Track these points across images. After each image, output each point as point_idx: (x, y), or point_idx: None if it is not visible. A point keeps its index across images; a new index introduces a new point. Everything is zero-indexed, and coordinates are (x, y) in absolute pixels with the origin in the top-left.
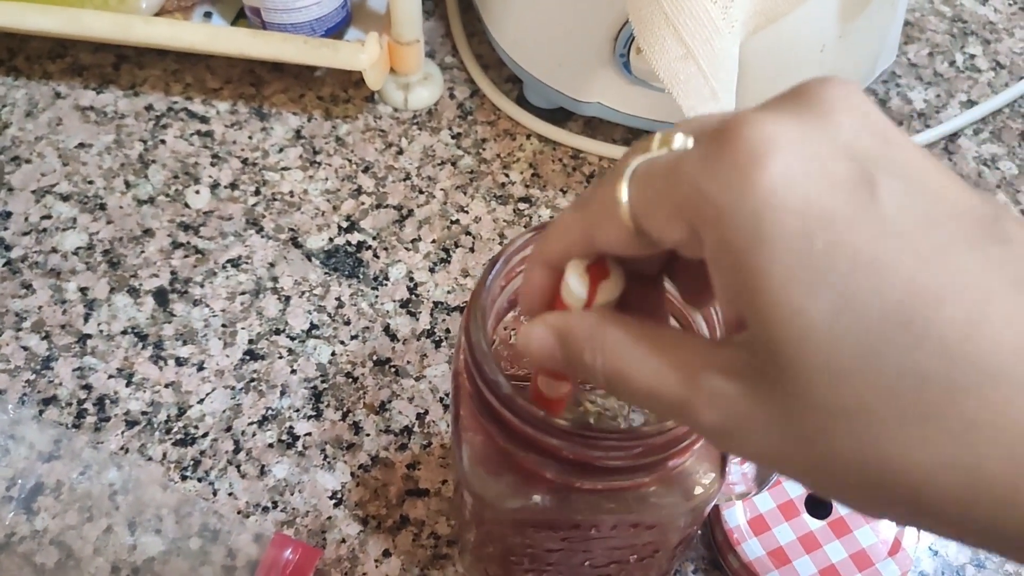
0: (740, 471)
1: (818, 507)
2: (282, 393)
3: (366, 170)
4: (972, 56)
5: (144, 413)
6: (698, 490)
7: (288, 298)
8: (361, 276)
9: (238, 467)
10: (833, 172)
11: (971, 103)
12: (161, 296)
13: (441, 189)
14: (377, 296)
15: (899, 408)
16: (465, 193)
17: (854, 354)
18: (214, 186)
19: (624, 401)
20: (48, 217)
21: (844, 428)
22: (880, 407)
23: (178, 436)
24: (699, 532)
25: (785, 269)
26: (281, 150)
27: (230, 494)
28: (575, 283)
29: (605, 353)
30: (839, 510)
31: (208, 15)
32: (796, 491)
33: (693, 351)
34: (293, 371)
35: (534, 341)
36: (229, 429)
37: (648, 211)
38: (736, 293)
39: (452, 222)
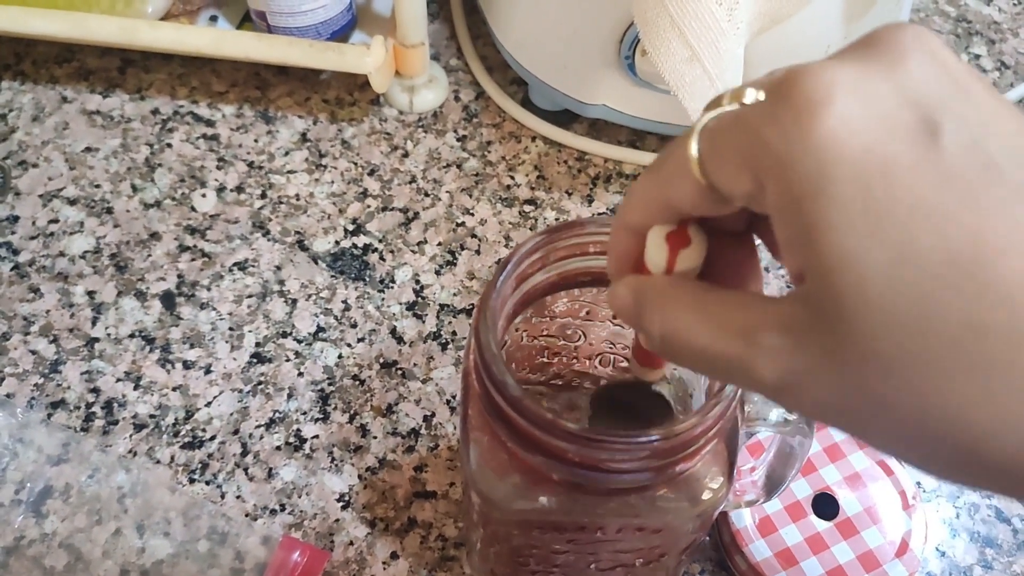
0: (750, 479)
1: (825, 508)
2: (289, 396)
3: (372, 173)
4: (977, 56)
5: (152, 416)
6: (706, 495)
7: (295, 301)
8: (367, 279)
9: (246, 470)
10: (895, 118)
11: None
12: (168, 299)
13: (447, 191)
14: (383, 299)
15: (960, 359)
16: (471, 195)
17: (913, 303)
18: (220, 189)
19: (681, 364)
20: (55, 221)
21: (901, 379)
22: (940, 358)
23: (186, 439)
24: (706, 538)
25: (843, 217)
26: (287, 153)
27: (238, 497)
28: (654, 251)
29: (664, 314)
30: (846, 511)
31: (214, 19)
32: (803, 493)
33: (749, 309)
34: (300, 374)
35: (616, 301)
36: (237, 432)
37: (717, 164)
38: (796, 243)
39: (458, 224)
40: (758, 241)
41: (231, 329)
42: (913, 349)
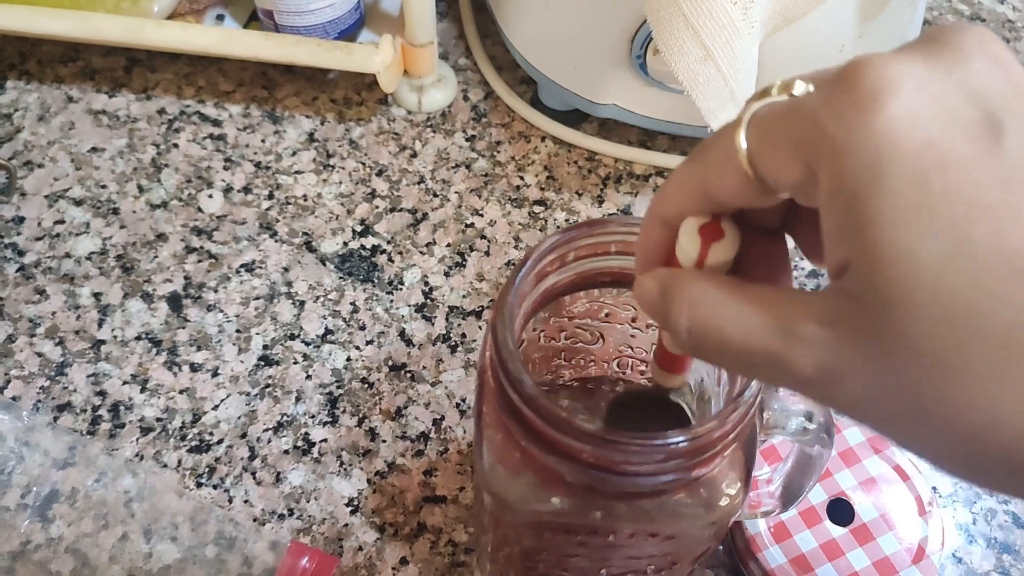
0: (766, 490)
1: (840, 514)
2: (297, 399)
3: (380, 173)
4: None
5: (159, 419)
6: (722, 501)
7: (303, 303)
8: (376, 280)
9: (253, 474)
10: (958, 114)
11: None
12: (175, 301)
13: (456, 192)
14: (392, 301)
15: (1011, 360)
16: (480, 196)
17: (965, 301)
18: (227, 190)
19: (710, 359)
20: (61, 222)
21: (947, 377)
22: (990, 358)
23: (193, 443)
24: (719, 549)
25: (898, 208)
26: (294, 153)
27: (246, 501)
28: (687, 242)
29: (693, 310)
30: (861, 517)
31: (220, 18)
32: (818, 498)
33: (787, 302)
34: (308, 377)
35: (642, 292)
36: (244, 435)
37: (767, 153)
38: (845, 232)
39: (467, 225)
40: (789, 241)
41: (238, 331)
42: (962, 347)
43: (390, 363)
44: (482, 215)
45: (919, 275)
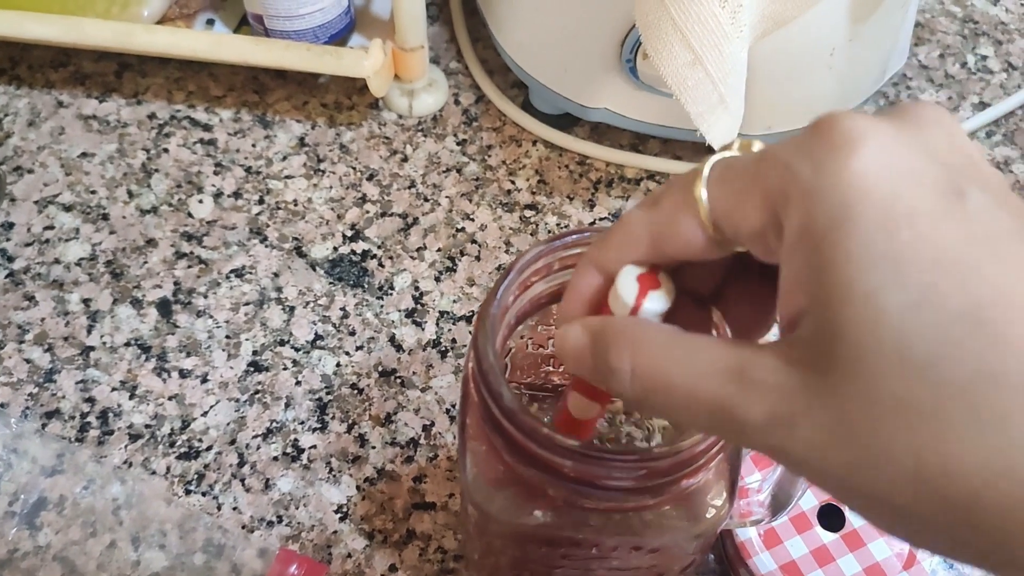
0: (756, 499)
1: (831, 520)
2: (287, 405)
3: (371, 178)
4: (984, 57)
5: (147, 426)
6: (708, 513)
7: (292, 308)
8: (366, 286)
9: (242, 481)
10: (924, 172)
11: (983, 105)
12: (164, 307)
13: (446, 196)
14: (382, 306)
15: (968, 408)
16: (471, 200)
17: (927, 349)
18: (217, 195)
19: (652, 412)
20: (51, 228)
21: (904, 423)
22: (948, 405)
23: (182, 449)
24: (709, 557)
25: (866, 253)
26: (285, 158)
27: (234, 508)
28: (626, 288)
29: (637, 352)
30: (852, 522)
31: (211, 23)
32: (809, 504)
33: (738, 349)
34: (298, 383)
35: (568, 341)
36: (233, 442)
37: (729, 200)
38: (807, 275)
39: (458, 230)
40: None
41: (228, 337)
42: (921, 393)
43: (380, 369)
44: (473, 219)
45: (881, 321)
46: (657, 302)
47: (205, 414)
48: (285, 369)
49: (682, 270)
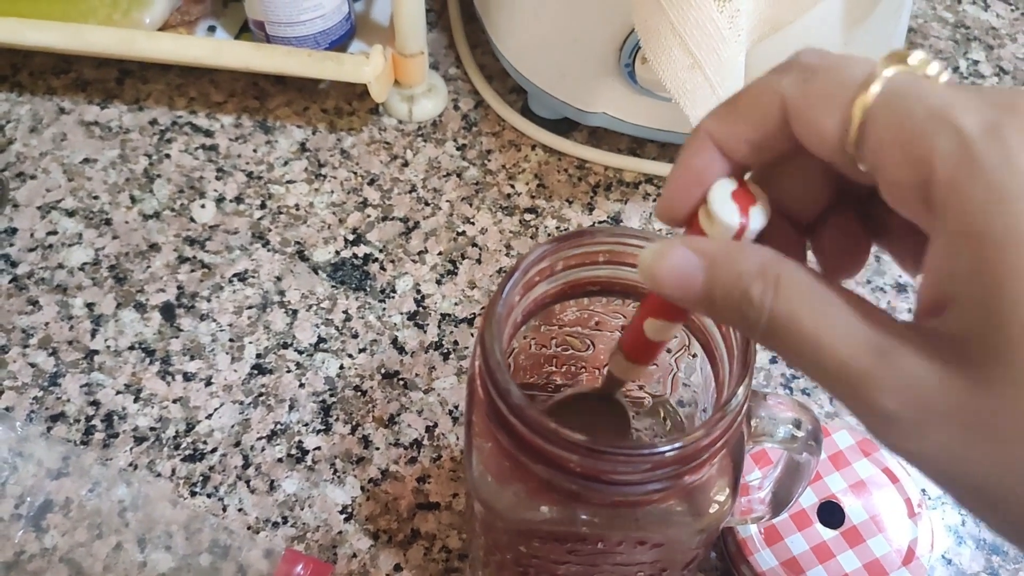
0: (757, 496)
1: (831, 517)
2: (291, 407)
3: (372, 182)
4: (975, 62)
5: (152, 429)
6: (711, 508)
7: (295, 312)
8: (368, 289)
9: (247, 482)
10: None
11: None
12: (168, 311)
13: (447, 201)
14: (384, 309)
15: None
16: (471, 204)
17: None
18: (220, 200)
19: (780, 353)
20: (54, 233)
21: None
22: None
23: (187, 452)
24: (711, 554)
25: None
26: (286, 163)
27: (240, 510)
28: (725, 208)
29: (780, 291)
30: (852, 519)
31: (212, 29)
32: (809, 501)
33: (887, 323)
34: (301, 385)
35: (669, 262)
36: (238, 444)
37: (883, 135)
38: (971, 273)
39: (458, 234)
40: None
41: (231, 340)
42: None
43: (383, 371)
44: (473, 223)
45: None
46: (758, 220)
47: (209, 416)
48: (289, 372)
49: (783, 188)
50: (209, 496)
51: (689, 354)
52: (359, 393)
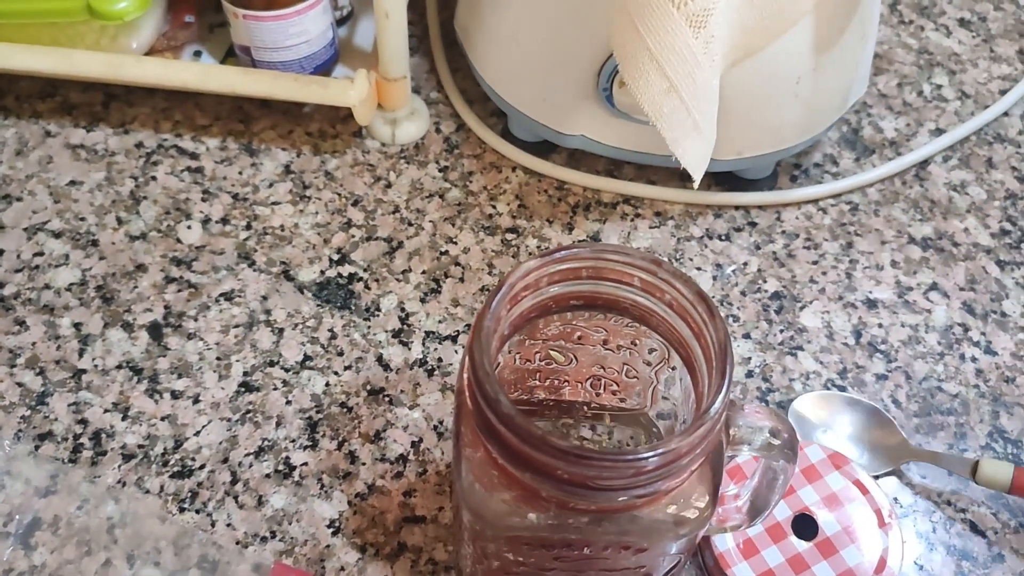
0: (734, 505)
1: (804, 529)
2: (278, 424)
3: (355, 203)
4: (939, 86)
5: (141, 446)
6: (691, 514)
7: (281, 330)
8: (353, 307)
9: (236, 498)
10: None
11: (940, 131)
12: (155, 330)
13: (430, 221)
14: (369, 327)
15: None
16: (453, 225)
17: None
18: (205, 221)
19: None
20: (40, 254)
21: None
22: None
23: (175, 468)
24: (688, 563)
25: None
26: (271, 185)
27: (228, 525)
28: None
29: None
30: (825, 531)
31: (198, 54)
32: (783, 514)
33: None
34: (288, 402)
35: None
36: (226, 460)
37: None
38: None
39: (441, 253)
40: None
41: (219, 359)
42: None
43: (368, 387)
44: (456, 243)
45: None
46: None
47: (197, 434)
48: (275, 389)
49: None
50: (198, 512)
51: (669, 367)
52: (345, 409)
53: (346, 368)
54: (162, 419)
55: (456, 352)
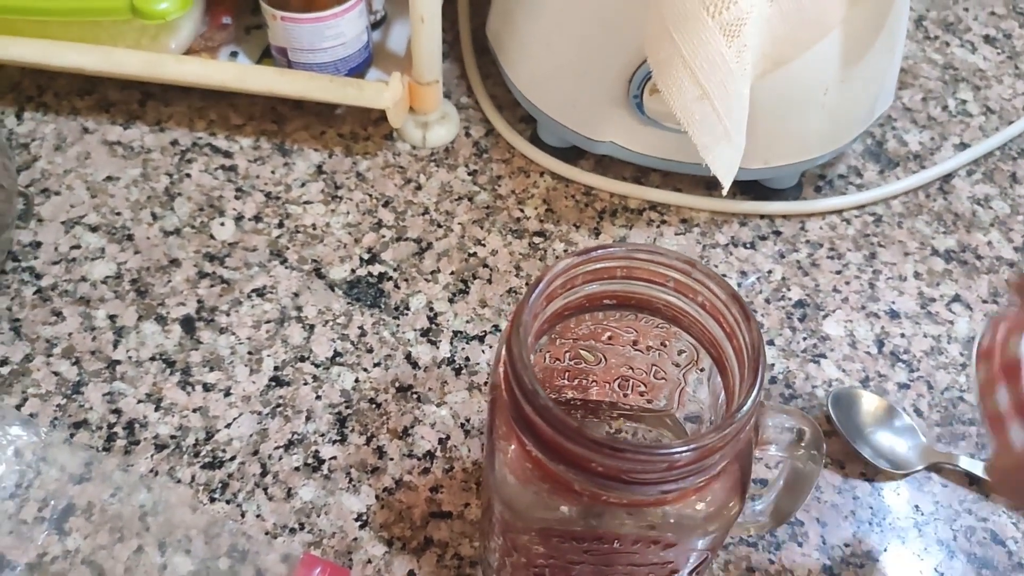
0: (759, 507)
1: None
2: (307, 418)
3: (386, 204)
4: (964, 101)
5: (173, 437)
6: (721, 511)
7: (312, 327)
8: (383, 306)
9: (265, 489)
10: None
11: (964, 145)
12: (188, 324)
13: (459, 223)
14: (398, 325)
15: None
16: (482, 227)
17: None
18: (238, 218)
19: None
20: (77, 247)
21: None
22: None
23: (206, 459)
24: (714, 559)
25: None
26: (303, 184)
27: (258, 516)
28: None
29: None
30: None
31: (234, 55)
32: None
33: None
34: (318, 397)
35: None
36: (256, 453)
37: None
38: None
39: (470, 255)
40: None
41: (250, 353)
42: None
43: (397, 385)
44: (484, 245)
45: None
46: None
47: (228, 426)
48: (305, 384)
49: None
50: (228, 502)
51: (697, 368)
52: (374, 405)
53: (375, 365)
54: (194, 411)
55: (483, 352)
